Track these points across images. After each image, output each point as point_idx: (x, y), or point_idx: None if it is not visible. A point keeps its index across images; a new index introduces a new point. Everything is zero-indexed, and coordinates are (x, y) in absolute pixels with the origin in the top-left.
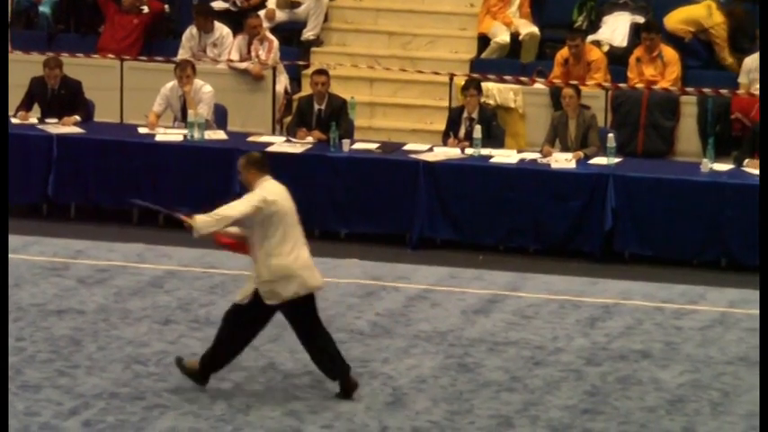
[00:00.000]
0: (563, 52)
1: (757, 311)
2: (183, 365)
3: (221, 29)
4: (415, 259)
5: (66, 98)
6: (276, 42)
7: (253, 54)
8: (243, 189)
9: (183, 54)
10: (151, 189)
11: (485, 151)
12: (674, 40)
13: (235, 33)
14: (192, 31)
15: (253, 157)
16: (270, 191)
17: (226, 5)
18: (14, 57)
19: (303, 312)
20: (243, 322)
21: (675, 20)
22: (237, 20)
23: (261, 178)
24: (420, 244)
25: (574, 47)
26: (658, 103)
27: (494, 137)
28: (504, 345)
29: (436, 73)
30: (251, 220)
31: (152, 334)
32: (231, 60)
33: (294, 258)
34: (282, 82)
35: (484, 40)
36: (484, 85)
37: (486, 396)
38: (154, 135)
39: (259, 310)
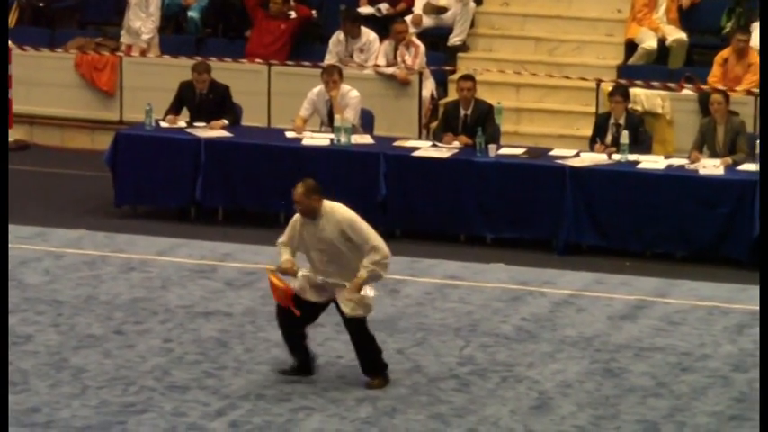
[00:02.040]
0: (723, 53)
1: None
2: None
3: (368, 34)
4: (561, 264)
5: (214, 102)
6: (423, 48)
7: (399, 59)
8: (389, 192)
9: (329, 59)
10: None
11: (632, 157)
12: None
13: (381, 39)
14: (338, 36)
15: (314, 185)
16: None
17: (372, 11)
18: (163, 61)
19: None
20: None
21: None
22: (384, 25)
23: (323, 202)
24: (566, 249)
25: (743, 41)
26: None
27: (640, 143)
28: (650, 350)
29: (583, 79)
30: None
31: None
32: (378, 65)
33: None
34: (429, 87)
35: (631, 46)
36: (631, 90)
37: (632, 401)
38: (301, 139)
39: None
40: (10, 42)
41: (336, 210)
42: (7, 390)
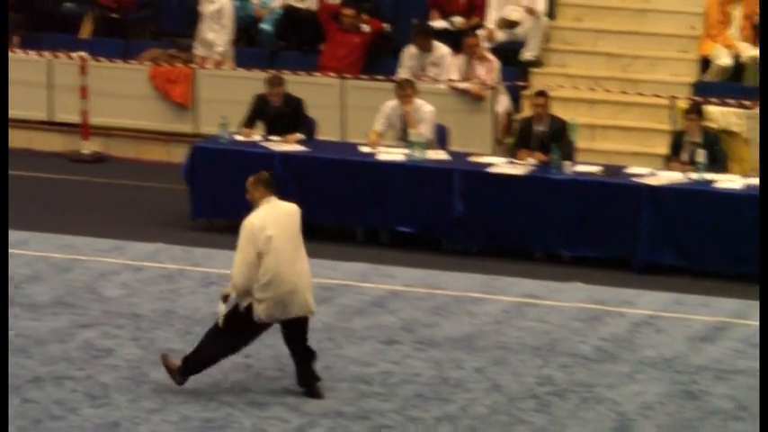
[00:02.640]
0: None
1: None
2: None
3: (441, 48)
4: (639, 284)
5: (288, 116)
6: (497, 63)
7: (473, 74)
8: (464, 208)
9: (402, 73)
10: (373, 207)
11: (708, 176)
12: None
13: (454, 53)
14: (411, 50)
15: (262, 177)
16: (258, 215)
17: (445, 25)
18: (237, 73)
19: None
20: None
21: None
22: (456, 39)
23: (265, 198)
24: (644, 269)
25: None
26: None
27: (716, 161)
28: (731, 373)
29: (657, 96)
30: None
31: (376, 354)
32: (451, 80)
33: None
34: (503, 102)
35: (705, 63)
36: (707, 108)
37: (713, 424)
38: (375, 154)
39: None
40: (85, 54)
41: (253, 213)
42: (7, 390)
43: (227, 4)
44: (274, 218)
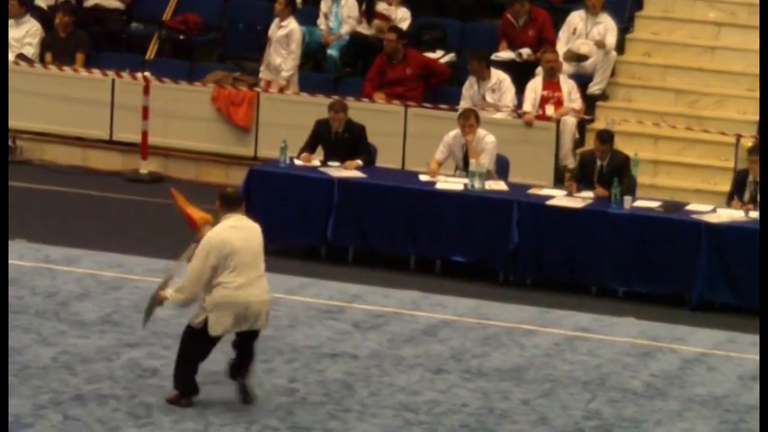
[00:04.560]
0: None
1: None
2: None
3: (498, 74)
4: (692, 321)
5: (349, 142)
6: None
7: (565, 98)
8: (521, 240)
9: (463, 104)
10: (429, 236)
11: None
12: None
13: (518, 87)
14: (470, 80)
15: (224, 193)
16: (216, 232)
17: (512, 56)
18: (300, 98)
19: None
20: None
21: None
22: (523, 71)
23: (225, 214)
24: (699, 306)
25: None
26: None
27: None
28: None
29: (723, 133)
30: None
31: (423, 382)
32: (507, 106)
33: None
34: (571, 125)
35: None
36: None
37: None
38: (434, 183)
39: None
40: (148, 74)
41: (218, 226)
42: (7, 392)
43: (297, 30)
44: (238, 233)
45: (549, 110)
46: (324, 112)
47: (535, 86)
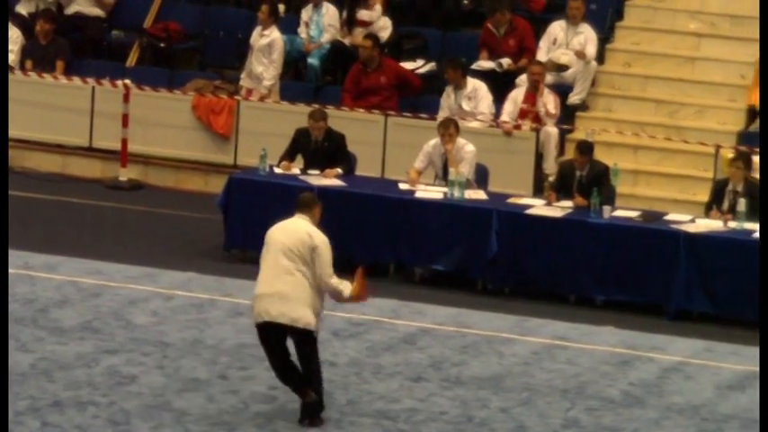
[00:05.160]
0: None
1: None
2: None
3: (474, 82)
4: (671, 330)
5: (329, 150)
6: (558, 98)
7: (541, 107)
8: (500, 249)
9: (442, 113)
10: (408, 245)
11: (748, 225)
12: None
13: (497, 96)
14: (447, 90)
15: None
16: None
17: (492, 66)
18: (280, 107)
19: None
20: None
21: None
22: (503, 81)
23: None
24: (677, 315)
25: None
26: None
27: (756, 211)
28: (758, 422)
29: (702, 144)
30: None
31: (403, 390)
32: (483, 113)
33: (257, 286)
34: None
35: (753, 113)
36: (753, 158)
37: None
38: (414, 191)
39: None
40: (129, 82)
41: None
42: (7, 392)
43: (279, 39)
44: (285, 229)
45: (526, 125)
46: (304, 120)
47: (516, 97)
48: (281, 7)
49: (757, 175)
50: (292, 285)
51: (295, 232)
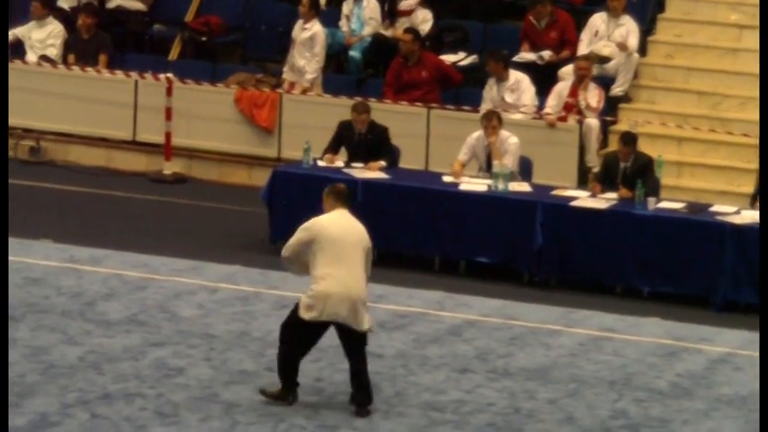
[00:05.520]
0: None
1: None
2: (266, 393)
3: (516, 74)
4: (717, 322)
5: (372, 143)
6: (602, 92)
7: (582, 101)
8: (545, 240)
9: (485, 106)
10: (453, 237)
11: None
12: None
13: (539, 88)
14: (490, 83)
15: (334, 188)
16: (320, 219)
17: (533, 58)
18: (323, 99)
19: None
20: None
21: None
22: (545, 73)
23: (332, 209)
24: (724, 306)
25: None
26: None
27: None
28: None
29: (746, 135)
30: (303, 246)
31: (449, 382)
32: (525, 106)
33: (327, 284)
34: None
35: None
36: None
37: None
38: (458, 184)
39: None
40: (171, 75)
41: (322, 216)
42: (7, 390)
43: (321, 32)
44: (340, 224)
45: (572, 119)
46: (346, 113)
47: (561, 91)
48: (322, 0)
49: None
50: (362, 286)
51: (354, 229)
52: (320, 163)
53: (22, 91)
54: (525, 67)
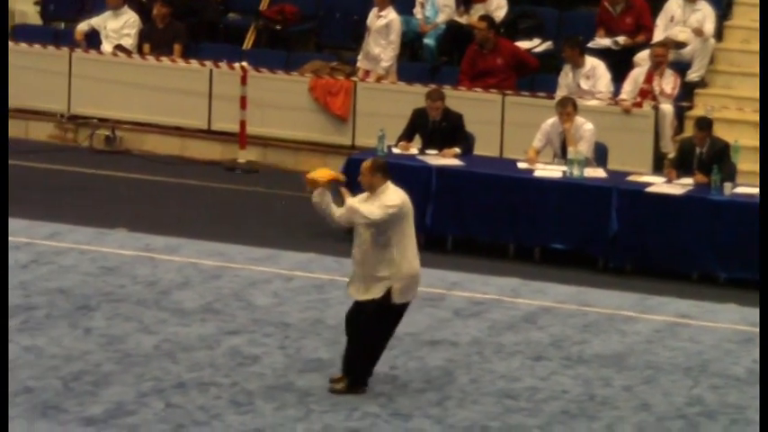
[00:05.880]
0: None
1: None
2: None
3: (592, 61)
4: None
5: (447, 130)
6: (678, 79)
7: (656, 87)
8: (620, 227)
9: (560, 92)
10: (528, 224)
11: None
12: None
13: (615, 74)
14: (565, 69)
15: (380, 163)
16: (400, 195)
17: (609, 43)
18: (397, 87)
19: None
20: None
21: None
22: (620, 58)
23: (384, 184)
24: None
25: None
26: None
27: None
28: None
29: None
30: (385, 223)
31: (524, 369)
32: (601, 92)
33: (416, 264)
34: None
35: None
36: None
37: None
38: (533, 171)
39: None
40: (246, 64)
41: (386, 193)
42: (7, 389)
43: (396, 20)
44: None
45: (647, 105)
46: (421, 100)
47: (637, 77)
48: None
49: None
50: None
51: None
52: (395, 150)
53: (98, 81)
54: (600, 53)
